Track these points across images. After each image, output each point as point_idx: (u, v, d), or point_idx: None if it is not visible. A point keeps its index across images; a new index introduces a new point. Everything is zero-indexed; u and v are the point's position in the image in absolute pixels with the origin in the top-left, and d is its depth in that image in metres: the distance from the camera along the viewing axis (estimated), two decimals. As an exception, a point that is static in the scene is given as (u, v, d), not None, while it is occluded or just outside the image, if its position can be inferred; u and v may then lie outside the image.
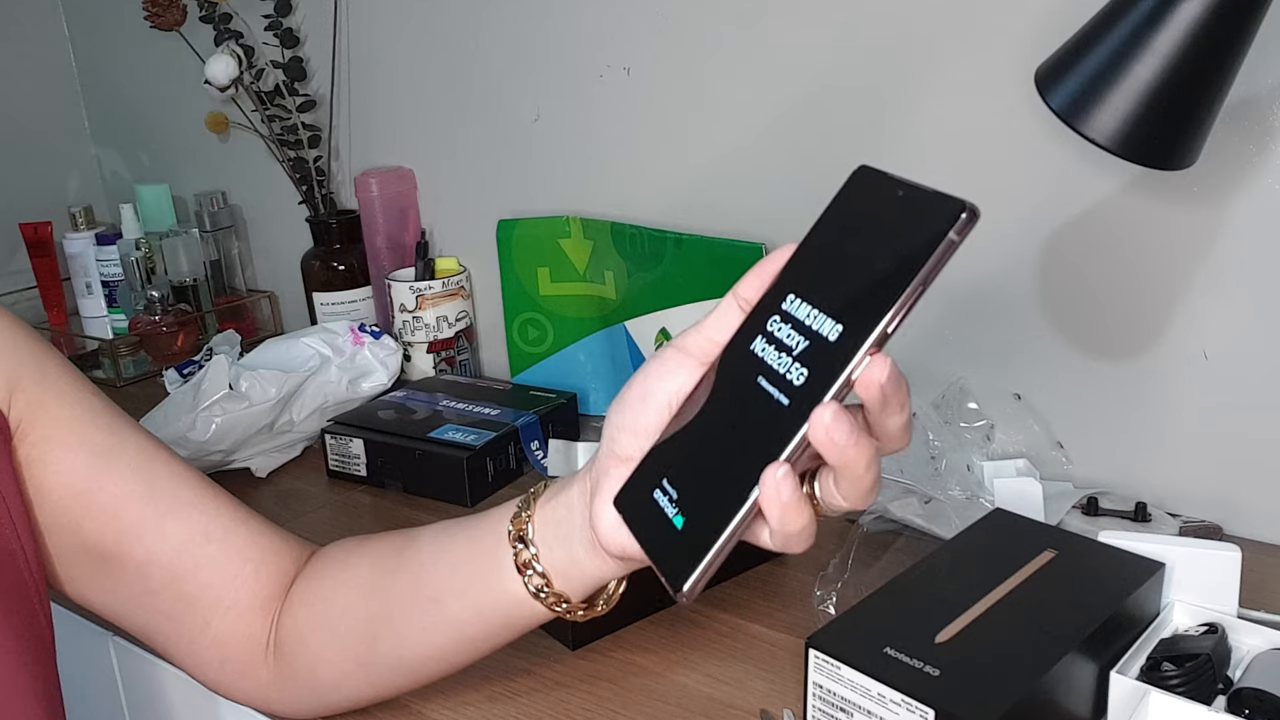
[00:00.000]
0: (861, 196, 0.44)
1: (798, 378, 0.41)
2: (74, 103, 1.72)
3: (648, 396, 0.48)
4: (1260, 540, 0.81)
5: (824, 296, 0.42)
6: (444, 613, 0.58)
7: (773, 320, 0.44)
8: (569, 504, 0.53)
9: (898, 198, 0.41)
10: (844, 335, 0.40)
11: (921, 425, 0.86)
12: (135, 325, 1.40)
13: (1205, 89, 0.61)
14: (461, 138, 1.25)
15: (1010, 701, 0.53)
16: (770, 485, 0.41)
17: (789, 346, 0.42)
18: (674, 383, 0.47)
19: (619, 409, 0.49)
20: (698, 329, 0.48)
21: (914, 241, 0.39)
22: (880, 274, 0.40)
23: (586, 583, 0.54)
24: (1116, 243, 0.84)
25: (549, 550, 0.54)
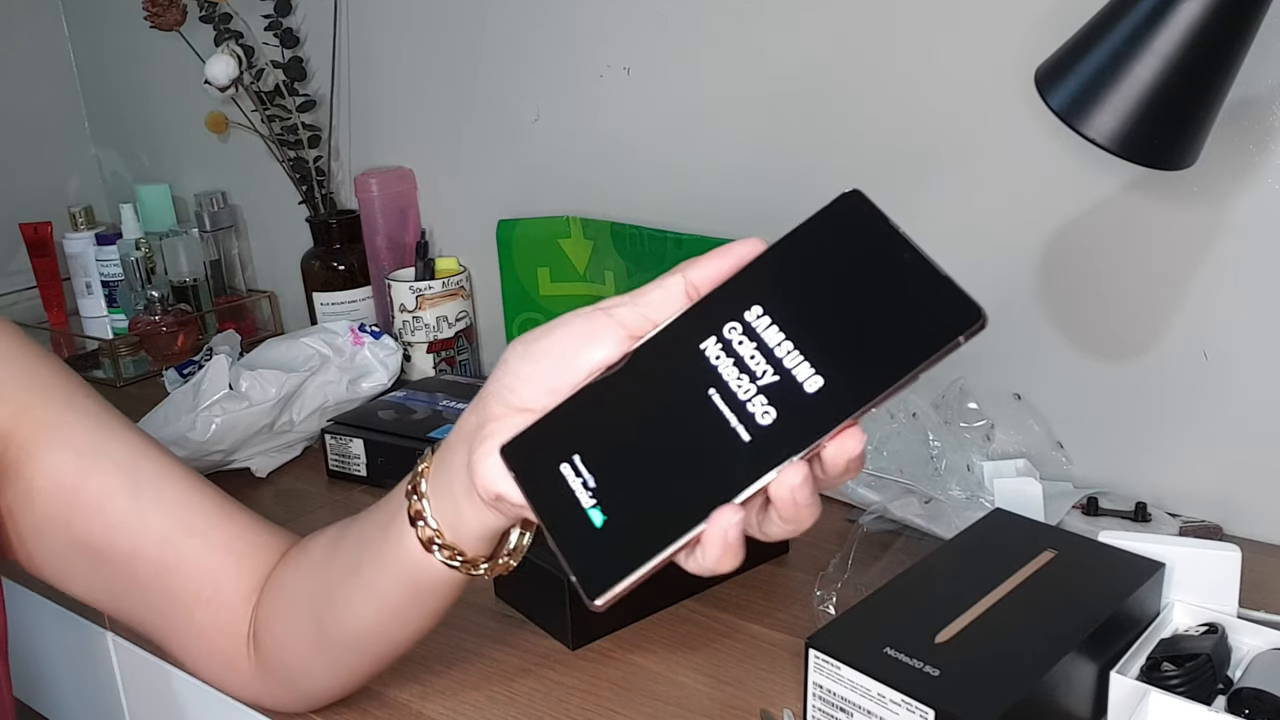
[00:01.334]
0: (853, 231, 0.42)
1: (763, 415, 0.40)
2: (74, 103, 1.72)
3: (568, 358, 0.45)
4: (1260, 540, 0.81)
5: (800, 332, 0.40)
6: (364, 582, 0.57)
7: (731, 327, 0.42)
8: (451, 450, 0.51)
9: (902, 260, 0.40)
10: (825, 395, 0.39)
11: (921, 425, 0.86)
12: (135, 325, 1.40)
13: (1205, 89, 0.61)
14: (461, 138, 1.25)
15: (1010, 701, 0.53)
16: (719, 528, 0.40)
17: (751, 370, 0.40)
18: (600, 352, 0.45)
19: (529, 358, 0.46)
20: (635, 304, 0.45)
21: (920, 329, 0.38)
22: (876, 345, 0.38)
23: (473, 533, 0.52)
24: (1116, 243, 0.84)
25: (438, 500, 0.52)
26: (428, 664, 0.71)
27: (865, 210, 0.42)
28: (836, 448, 0.39)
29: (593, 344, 0.45)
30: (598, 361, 0.45)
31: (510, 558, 0.55)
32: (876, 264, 0.40)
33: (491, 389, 0.48)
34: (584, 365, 0.45)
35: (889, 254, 0.40)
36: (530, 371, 0.46)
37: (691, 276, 0.44)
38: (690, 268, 0.44)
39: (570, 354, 0.45)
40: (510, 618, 0.77)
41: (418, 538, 0.53)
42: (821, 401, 0.39)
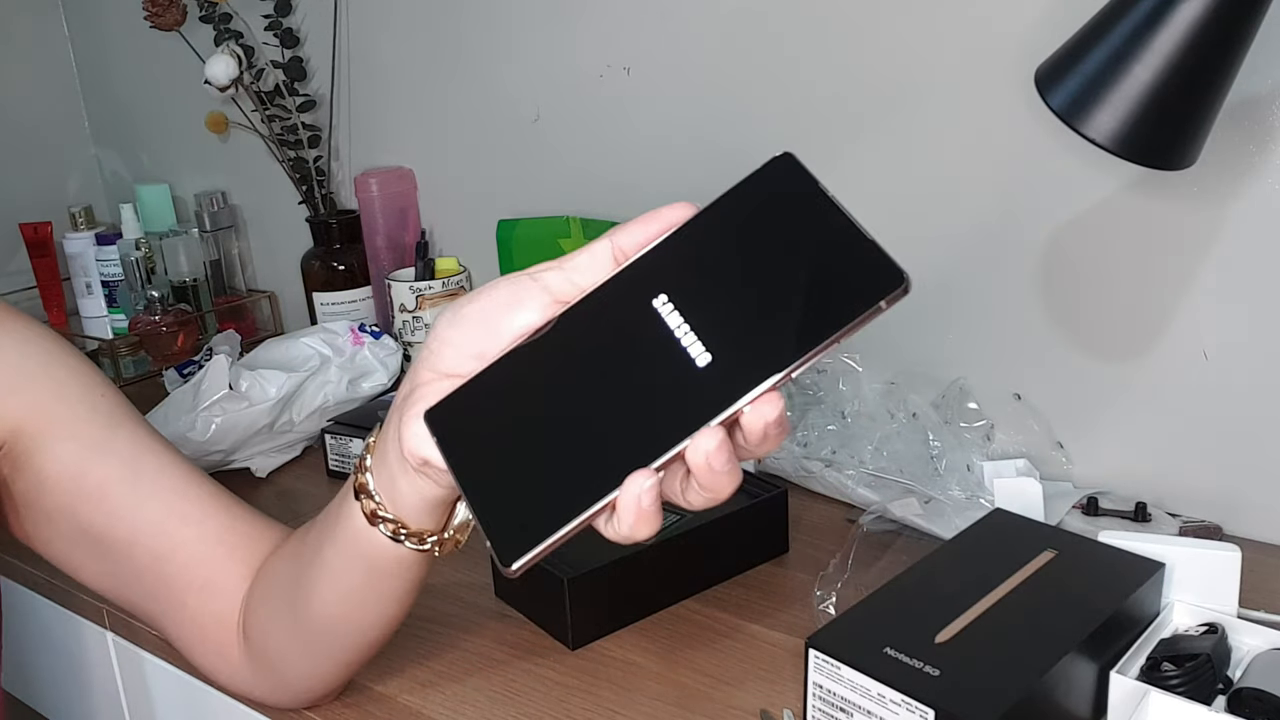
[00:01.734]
0: (783, 195, 0.41)
1: (679, 381, 0.39)
2: (74, 103, 1.72)
3: (492, 323, 0.45)
4: (1260, 540, 0.81)
5: (722, 296, 0.40)
6: (325, 564, 0.57)
7: (655, 293, 0.41)
8: (387, 420, 0.52)
9: (829, 225, 0.39)
10: (743, 361, 0.39)
11: (921, 425, 0.86)
12: (135, 325, 1.40)
13: (1205, 89, 0.61)
14: (461, 138, 1.25)
15: (1010, 701, 0.53)
16: (632, 494, 0.39)
17: (673, 336, 0.40)
18: (525, 317, 0.45)
19: (455, 324, 0.46)
20: (562, 269, 0.45)
21: (842, 294, 0.37)
22: (797, 311, 0.38)
23: (411, 504, 0.52)
24: (1116, 243, 0.84)
25: (377, 473, 0.52)
26: (427, 663, 0.71)
27: (797, 174, 0.41)
28: (755, 413, 0.39)
29: (518, 308, 0.45)
30: (522, 326, 0.45)
31: (458, 533, 0.55)
32: (803, 228, 0.40)
33: (421, 356, 0.48)
34: (508, 330, 0.45)
35: (817, 218, 0.39)
36: (456, 337, 0.46)
37: (619, 241, 0.44)
38: (618, 233, 0.44)
39: (495, 319, 0.45)
40: (510, 618, 0.77)
41: (362, 512, 0.53)
42: (739, 367, 0.39)
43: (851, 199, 0.96)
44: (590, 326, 0.43)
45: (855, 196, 1.00)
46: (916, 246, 0.93)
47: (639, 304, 0.42)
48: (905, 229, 0.94)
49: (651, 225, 0.44)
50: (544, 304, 0.45)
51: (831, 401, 0.92)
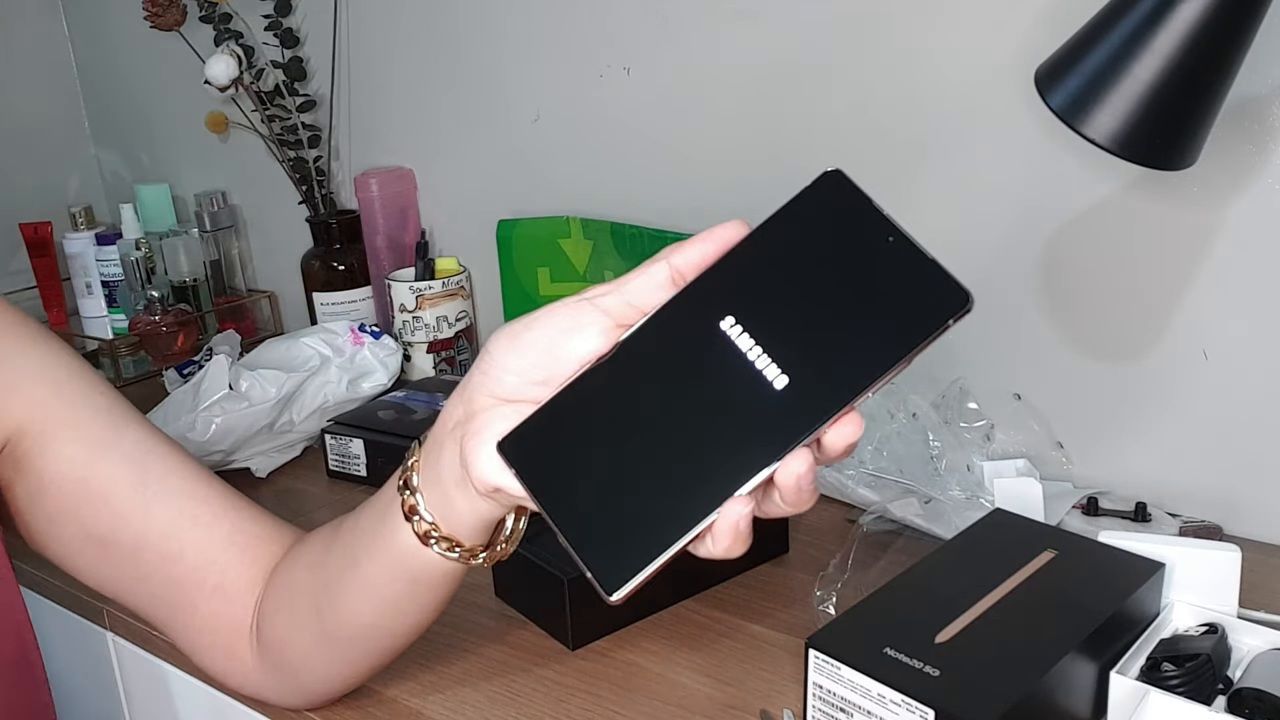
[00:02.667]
0: (836, 212, 0.41)
1: (763, 404, 0.40)
2: (74, 103, 1.72)
3: (556, 350, 0.45)
4: (1260, 540, 0.81)
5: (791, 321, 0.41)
6: (362, 575, 0.57)
7: (724, 316, 0.42)
8: (439, 441, 0.51)
9: (886, 243, 0.40)
10: (822, 384, 0.39)
11: (921, 425, 0.86)
12: (135, 325, 1.40)
13: (1205, 89, 0.61)
14: (461, 138, 1.25)
15: (1010, 701, 0.53)
16: (730, 519, 0.40)
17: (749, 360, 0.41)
18: (589, 344, 0.44)
19: (515, 350, 0.46)
20: (620, 291, 0.45)
21: (908, 314, 0.38)
22: (867, 332, 0.39)
23: (467, 523, 0.52)
24: (1116, 243, 0.84)
25: (430, 493, 0.52)
26: (428, 663, 0.71)
27: (848, 191, 0.41)
28: (836, 434, 0.40)
29: (579, 335, 0.45)
30: (586, 353, 0.44)
31: (508, 544, 0.55)
32: (861, 247, 0.40)
33: (476, 380, 0.47)
34: (572, 356, 0.45)
35: (873, 236, 0.40)
36: (516, 363, 0.46)
37: (676, 262, 0.44)
38: (674, 253, 0.44)
39: (557, 345, 0.45)
40: (510, 618, 0.77)
41: (414, 532, 0.52)
42: (818, 389, 0.39)
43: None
44: (659, 350, 0.43)
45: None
46: (916, 246, 0.93)
47: (707, 327, 0.42)
48: (905, 229, 0.93)
49: (709, 245, 0.43)
50: (605, 328, 0.44)
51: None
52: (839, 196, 0.41)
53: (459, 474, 0.49)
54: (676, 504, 0.41)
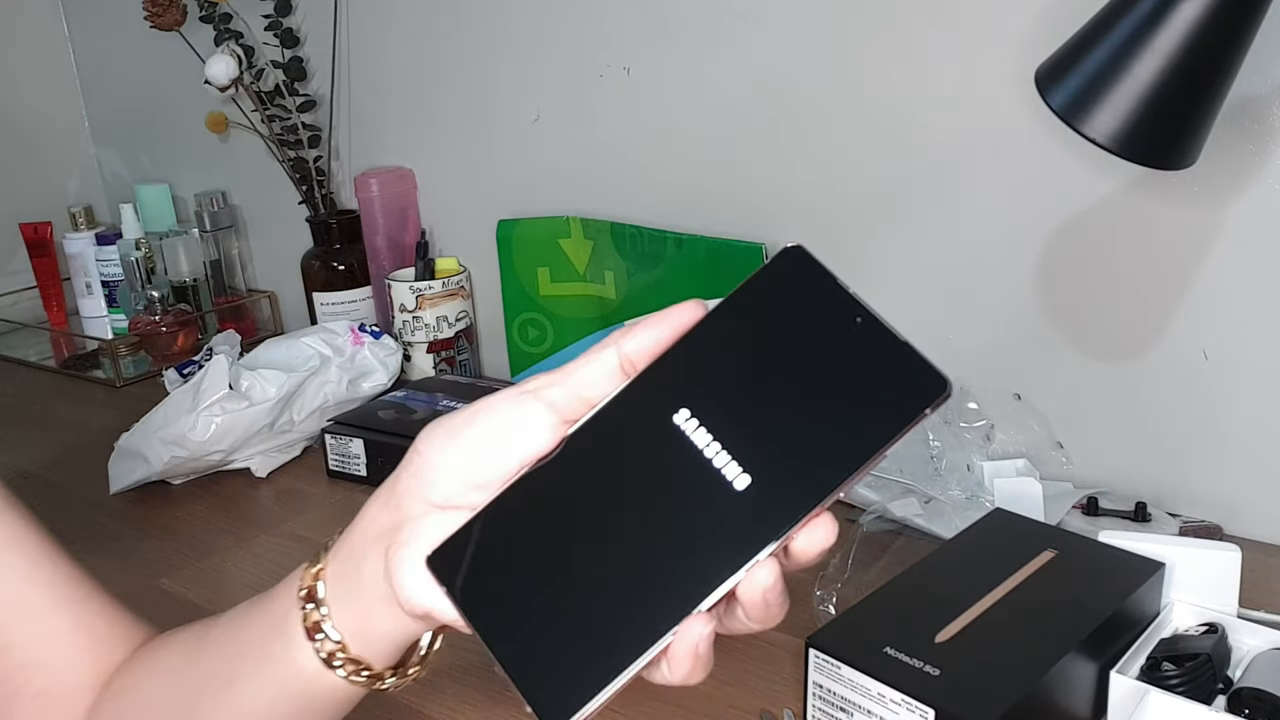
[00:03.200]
0: (797, 292, 0.37)
1: (721, 509, 0.36)
2: (74, 103, 1.72)
3: (495, 449, 0.40)
4: (1260, 540, 0.81)
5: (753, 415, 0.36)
6: (238, 701, 0.48)
7: (677, 410, 0.37)
8: (361, 550, 0.44)
9: (855, 326, 0.36)
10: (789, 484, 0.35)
11: (921, 425, 0.86)
12: (135, 325, 1.40)
13: (1205, 89, 0.61)
14: (461, 138, 1.25)
15: (1010, 701, 0.53)
16: (688, 641, 0.36)
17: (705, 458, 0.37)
18: (533, 443, 0.39)
19: (453, 448, 0.41)
20: (565, 384, 0.40)
21: (881, 405, 0.35)
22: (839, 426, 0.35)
23: (386, 645, 0.45)
24: (1117, 243, 0.84)
25: (341, 608, 0.44)
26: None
27: (810, 268, 0.37)
28: (806, 539, 0.35)
29: (522, 432, 0.40)
30: (529, 452, 0.40)
31: (420, 669, 0.48)
32: (827, 331, 0.36)
33: (405, 484, 0.42)
34: (513, 456, 0.40)
35: (839, 318, 0.36)
36: (452, 464, 0.40)
37: (626, 350, 0.39)
38: (625, 339, 0.39)
39: (497, 444, 0.40)
40: (510, 618, 0.77)
41: (316, 653, 0.45)
42: (784, 491, 0.35)
43: (852, 198, 0.96)
44: (606, 449, 0.39)
45: (856, 195, 1.00)
46: (916, 247, 0.93)
47: (659, 421, 0.37)
48: (905, 229, 0.94)
49: (661, 329, 0.39)
50: (550, 424, 0.40)
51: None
52: (801, 274, 0.37)
53: (383, 589, 0.42)
54: (627, 625, 0.36)
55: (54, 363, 1.50)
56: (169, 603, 0.84)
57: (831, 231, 0.97)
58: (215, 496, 1.02)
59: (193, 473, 1.05)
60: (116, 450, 1.03)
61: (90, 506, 1.02)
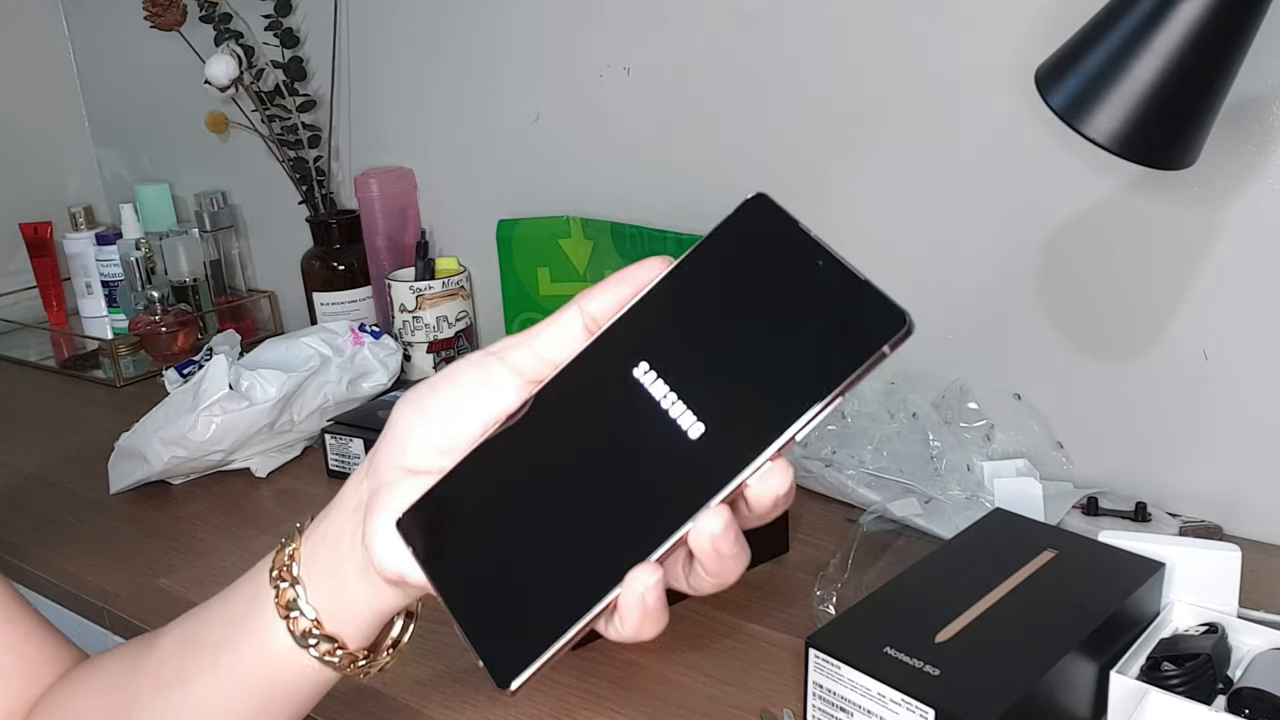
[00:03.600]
0: (760, 240, 0.37)
1: (674, 459, 0.35)
2: (74, 103, 1.72)
3: (461, 412, 0.40)
4: (1260, 540, 0.81)
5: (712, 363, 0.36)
6: (190, 697, 0.47)
7: (638, 363, 0.37)
8: (339, 523, 0.44)
9: (817, 268, 0.35)
10: (741, 429, 0.34)
11: (921, 425, 0.86)
12: (135, 325, 1.40)
13: (1205, 89, 0.61)
14: (461, 138, 1.25)
15: (1010, 701, 0.53)
16: (635, 592, 0.35)
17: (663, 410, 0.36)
18: (497, 403, 0.40)
19: (419, 416, 0.41)
20: (529, 345, 0.40)
21: (839, 343, 0.34)
22: (792, 367, 0.34)
23: (363, 618, 0.44)
24: (1116, 243, 0.84)
25: (317, 584, 0.44)
26: (428, 663, 0.71)
27: (774, 215, 0.37)
28: (761, 485, 0.34)
29: (487, 393, 0.40)
30: (494, 413, 0.40)
31: (390, 657, 0.47)
32: (790, 274, 0.36)
33: (382, 453, 0.42)
34: (479, 418, 0.40)
35: (803, 262, 0.36)
36: (421, 431, 0.41)
37: (589, 308, 0.39)
38: (587, 298, 0.40)
39: (463, 407, 0.40)
40: (510, 618, 0.77)
41: (289, 631, 0.44)
42: (737, 435, 0.34)
43: (852, 198, 0.96)
44: (568, 406, 0.39)
45: (856, 196, 1.00)
46: (916, 247, 0.93)
47: (619, 375, 0.37)
48: (905, 229, 0.94)
49: (622, 287, 0.39)
50: (515, 386, 0.40)
51: (831, 401, 0.92)
52: (764, 222, 0.37)
53: (360, 557, 0.42)
54: (578, 580, 0.36)
55: (54, 363, 1.50)
56: (169, 603, 0.84)
57: (832, 232, 0.97)
58: (215, 496, 1.02)
59: (193, 473, 1.05)
60: (116, 450, 1.03)
61: (90, 506, 1.02)
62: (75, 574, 0.89)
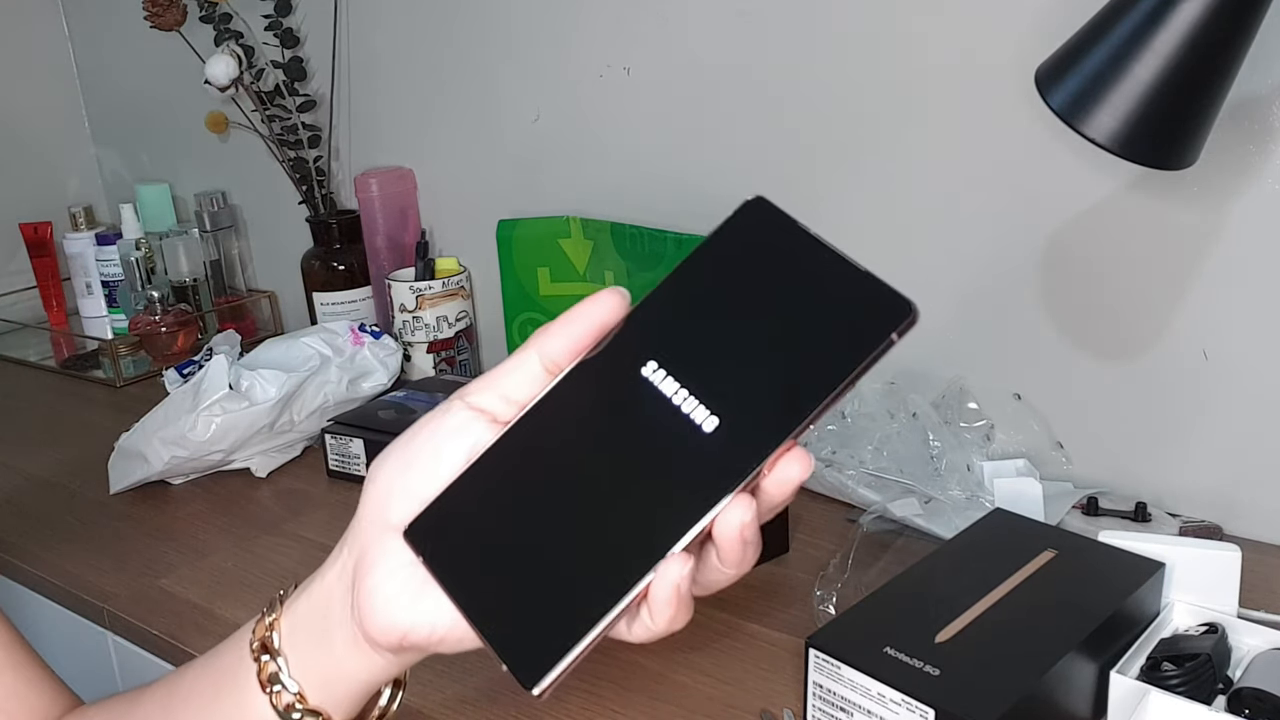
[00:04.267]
0: (761, 240, 0.38)
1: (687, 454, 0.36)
2: (74, 103, 1.72)
3: (443, 459, 0.40)
4: (1260, 540, 0.81)
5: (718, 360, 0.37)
6: None
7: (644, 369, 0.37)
8: (325, 593, 0.43)
9: (819, 264, 0.36)
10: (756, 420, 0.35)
11: (921, 425, 0.86)
12: (135, 325, 1.40)
13: (1205, 89, 0.61)
14: (461, 138, 1.25)
15: (1010, 701, 0.53)
16: (669, 580, 0.35)
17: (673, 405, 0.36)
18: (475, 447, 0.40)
19: (400, 469, 0.41)
20: (492, 386, 0.40)
21: (849, 333, 0.35)
22: (803, 359, 0.35)
23: (352, 690, 0.44)
24: (1116, 243, 0.84)
25: (301, 656, 0.43)
26: (428, 663, 0.71)
27: (772, 216, 0.38)
28: (780, 472, 0.35)
29: (463, 437, 0.40)
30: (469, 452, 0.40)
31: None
32: (791, 272, 0.37)
33: (365, 515, 0.42)
34: (456, 461, 0.40)
35: (805, 259, 0.37)
36: (401, 484, 0.40)
37: (545, 350, 0.39)
38: (542, 338, 0.39)
39: (443, 453, 0.40)
40: (510, 618, 0.77)
41: (272, 705, 0.43)
42: (754, 427, 0.35)
43: (852, 198, 0.97)
44: (576, 407, 0.39)
45: (856, 196, 1.00)
46: (916, 247, 0.93)
47: (628, 375, 0.38)
48: (905, 229, 0.94)
49: (575, 325, 0.39)
50: (483, 425, 0.40)
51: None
52: (764, 223, 0.38)
53: (351, 630, 0.42)
54: (600, 577, 0.36)
55: (54, 363, 1.50)
56: (169, 603, 0.84)
57: (832, 231, 0.97)
58: (215, 496, 1.02)
59: (193, 473, 1.05)
60: (116, 450, 1.03)
61: (90, 506, 1.02)
62: (75, 574, 0.89)
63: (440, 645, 0.40)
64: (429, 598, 0.39)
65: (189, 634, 0.80)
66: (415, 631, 0.39)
